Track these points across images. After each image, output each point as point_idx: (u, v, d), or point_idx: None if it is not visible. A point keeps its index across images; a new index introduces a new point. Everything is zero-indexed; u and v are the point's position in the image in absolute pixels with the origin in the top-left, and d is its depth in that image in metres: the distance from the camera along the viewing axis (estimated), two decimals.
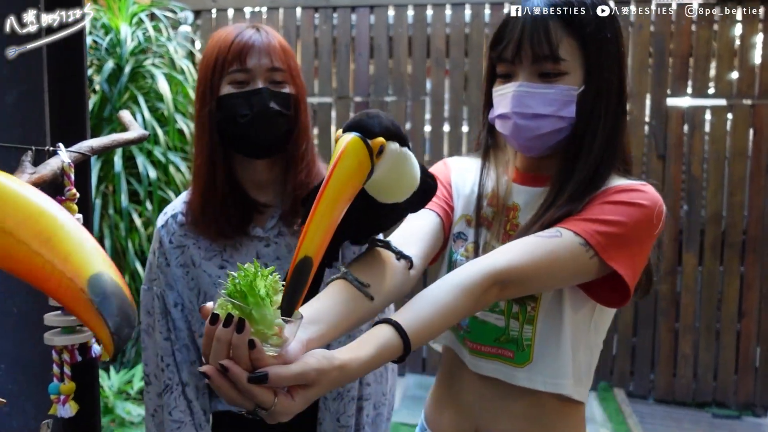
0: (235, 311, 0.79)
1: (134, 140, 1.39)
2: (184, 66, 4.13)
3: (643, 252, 1.16)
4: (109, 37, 3.87)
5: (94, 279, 0.71)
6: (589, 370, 1.25)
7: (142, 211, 3.78)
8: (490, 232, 1.26)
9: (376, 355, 0.88)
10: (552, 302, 1.20)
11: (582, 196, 1.15)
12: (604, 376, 4.60)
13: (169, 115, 3.82)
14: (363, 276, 1.04)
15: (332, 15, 4.70)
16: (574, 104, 1.16)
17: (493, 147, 1.31)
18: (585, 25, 1.15)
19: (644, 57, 4.46)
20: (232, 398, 0.79)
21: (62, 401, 1.10)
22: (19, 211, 0.69)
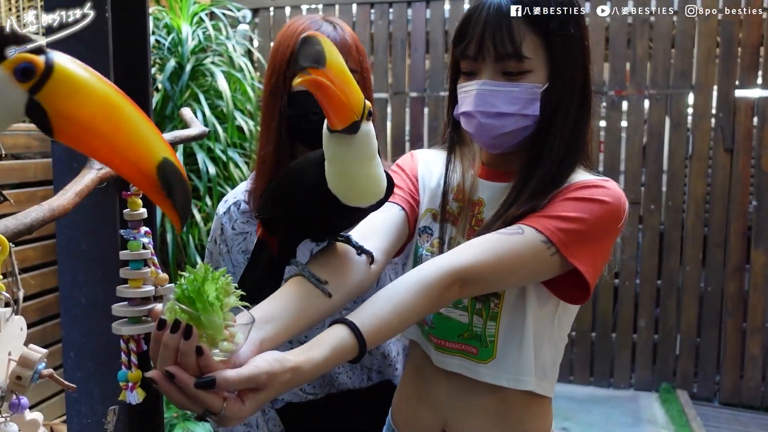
0: (183, 316, 0.77)
1: (195, 137, 1.43)
2: (242, 64, 4.20)
3: (605, 248, 1.15)
4: (171, 37, 3.97)
5: (160, 166, 0.76)
6: (554, 365, 1.25)
7: (202, 206, 3.87)
8: (456, 228, 1.25)
9: (330, 356, 0.87)
10: (516, 299, 1.19)
11: (544, 192, 1.14)
12: (666, 377, 4.47)
13: (228, 113, 3.90)
14: (321, 272, 1.03)
15: (388, 10, 4.70)
16: (538, 102, 1.15)
17: (459, 143, 1.30)
18: (548, 21, 1.13)
19: (711, 47, 4.30)
20: (181, 403, 0.78)
21: (130, 388, 1.14)
22: (93, 102, 0.73)
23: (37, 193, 3.11)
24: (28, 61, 0.68)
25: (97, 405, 1.32)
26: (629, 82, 4.45)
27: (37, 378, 0.83)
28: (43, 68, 0.69)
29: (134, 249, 1.17)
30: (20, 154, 3.13)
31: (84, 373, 1.32)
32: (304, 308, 0.98)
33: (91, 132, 0.74)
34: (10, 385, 0.81)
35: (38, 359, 0.82)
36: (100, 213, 1.29)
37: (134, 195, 1.18)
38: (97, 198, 1.17)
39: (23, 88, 0.69)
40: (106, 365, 1.30)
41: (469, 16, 1.16)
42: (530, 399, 1.23)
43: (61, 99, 0.71)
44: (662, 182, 4.49)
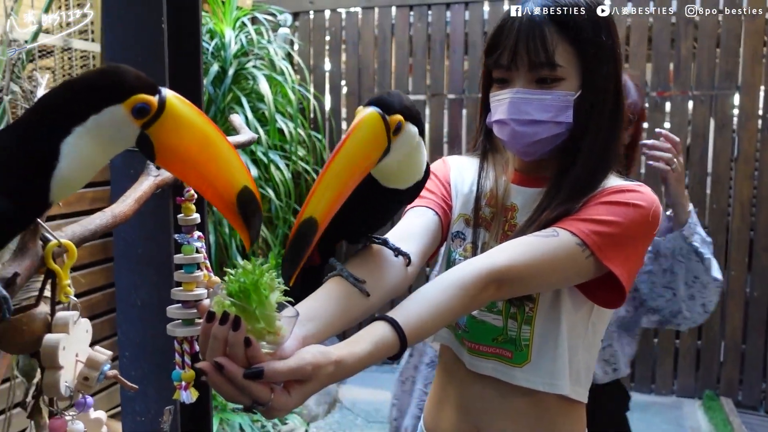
0: (233, 309, 0.79)
1: (244, 143, 1.46)
2: (283, 67, 4.26)
3: (639, 252, 1.16)
4: (215, 42, 4.05)
5: (240, 194, 0.84)
6: (588, 370, 1.25)
7: None
8: (489, 233, 1.26)
9: (373, 350, 0.89)
10: (550, 303, 1.19)
11: (578, 196, 1.14)
12: (709, 384, 4.38)
13: (270, 115, 3.96)
14: (359, 272, 1.05)
15: (427, 12, 4.71)
16: (571, 109, 1.15)
17: (491, 150, 1.31)
18: (581, 30, 1.13)
19: (758, 46, 4.19)
20: (230, 394, 0.80)
21: (184, 387, 1.18)
22: (193, 136, 0.81)
23: (86, 195, 3.21)
24: (145, 102, 0.77)
25: (151, 404, 1.36)
26: (673, 82, 4.38)
27: (102, 378, 0.87)
28: (156, 107, 0.78)
29: (188, 253, 1.20)
30: None
31: (139, 372, 1.37)
32: (343, 307, 1.00)
33: (187, 161, 0.82)
34: (77, 385, 0.85)
35: (104, 360, 0.86)
36: (155, 218, 1.33)
37: (188, 201, 1.22)
38: (153, 203, 1.20)
39: (137, 124, 0.78)
40: (160, 365, 1.34)
41: (502, 25, 1.18)
42: (564, 403, 1.23)
43: (167, 133, 0.80)
44: (707, 185, 4.40)
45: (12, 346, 0.84)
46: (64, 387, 0.82)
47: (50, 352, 0.81)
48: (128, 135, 0.79)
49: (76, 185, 0.79)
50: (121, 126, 0.77)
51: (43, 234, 0.84)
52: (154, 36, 1.35)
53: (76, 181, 0.78)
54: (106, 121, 0.76)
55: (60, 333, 0.83)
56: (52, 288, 0.86)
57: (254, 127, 3.90)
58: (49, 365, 0.82)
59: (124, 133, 0.78)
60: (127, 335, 1.37)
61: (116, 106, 0.76)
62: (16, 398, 2.25)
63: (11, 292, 0.77)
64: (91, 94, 0.77)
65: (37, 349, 0.83)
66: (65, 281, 0.86)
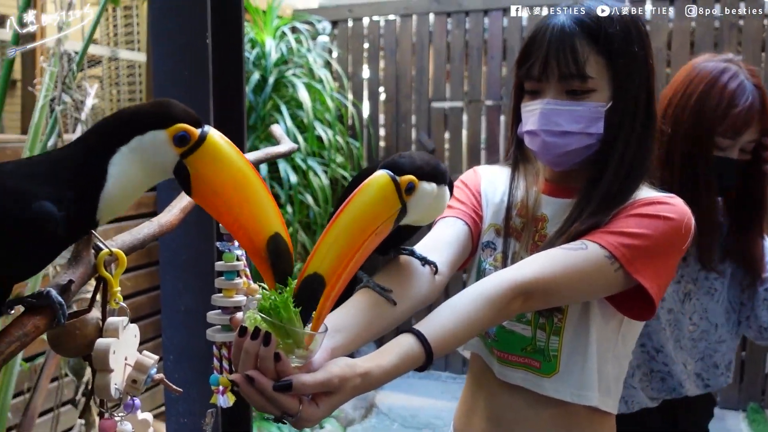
0: (264, 324, 0.83)
1: (285, 153, 1.50)
2: (322, 75, 4.32)
3: (669, 265, 1.15)
4: (255, 51, 4.13)
5: (270, 240, 0.87)
6: (618, 381, 1.24)
7: (283, 214, 4.00)
8: (519, 243, 1.27)
9: (399, 363, 0.91)
10: (579, 314, 1.19)
11: (608, 208, 1.14)
12: (753, 397, 4.27)
13: (309, 123, 4.02)
14: (385, 282, 1.08)
15: (464, 19, 4.72)
16: (602, 121, 1.15)
17: (522, 160, 1.31)
18: (612, 41, 1.13)
19: None
20: (260, 405, 0.84)
21: (221, 392, 1.21)
22: (230, 174, 0.85)
23: None
24: (186, 131, 0.81)
25: (194, 406, 1.41)
26: None
27: (149, 381, 0.91)
28: (197, 138, 0.82)
29: (229, 260, 1.24)
30: None
31: (182, 375, 1.41)
32: (371, 318, 1.03)
33: (221, 198, 0.85)
34: (126, 388, 0.89)
35: (151, 364, 0.90)
36: (198, 227, 1.38)
37: None
38: (197, 213, 1.25)
39: (177, 152, 0.82)
40: (202, 369, 1.38)
41: (533, 37, 1.19)
42: (594, 414, 1.23)
43: (204, 166, 0.83)
44: None
45: (66, 349, 0.88)
46: (114, 389, 0.86)
47: (102, 355, 0.85)
48: (167, 160, 0.82)
49: (119, 206, 0.83)
50: (161, 150, 0.81)
51: (96, 243, 0.89)
52: (199, 46, 1.40)
53: (120, 201, 0.82)
54: (148, 142, 0.81)
55: (111, 337, 0.88)
56: (103, 294, 0.91)
57: (293, 134, 3.96)
58: (100, 368, 0.86)
59: (163, 157, 0.82)
60: (171, 339, 1.42)
61: (159, 131, 0.81)
62: (64, 397, 2.34)
63: (66, 298, 0.82)
64: (139, 119, 0.82)
65: (89, 353, 0.87)
66: (116, 288, 0.90)
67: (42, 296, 0.80)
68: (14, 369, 1.73)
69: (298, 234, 4.14)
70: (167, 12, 1.41)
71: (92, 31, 1.74)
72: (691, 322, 1.59)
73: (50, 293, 0.80)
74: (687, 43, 4.27)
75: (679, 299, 1.57)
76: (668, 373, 1.59)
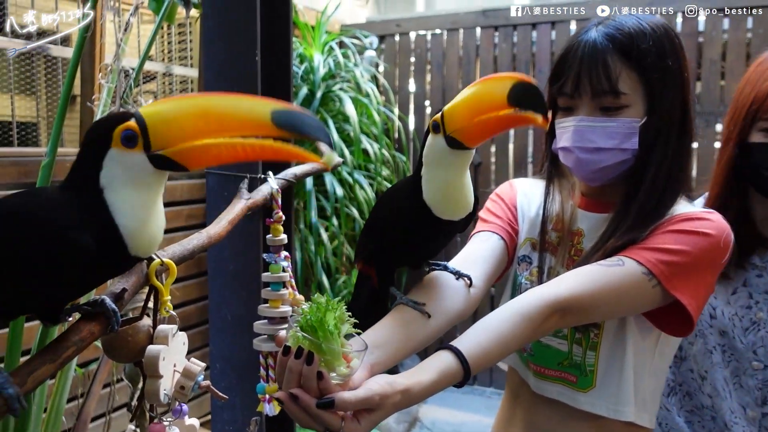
0: (306, 343, 0.85)
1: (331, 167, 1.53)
2: (368, 89, 4.36)
3: (708, 281, 1.13)
4: (304, 66, 4.20)
5: (274, 120, 0.82)
6: (654, 396, 1.22)
7: (329, 226, 4.04)
8: (555, 258, 1.26)
9: (437, 379, 0.92)
10: (616, 329, 1.18)
11: (645, 224, 1.13)
12: None
13: (355, 136, 4.06)
14: (419, 297, 1.10)
15: (512, 33, 4.70)
16: (636, 136, 1.14)
17: (557, 175, 1.30)
18: (645, 56, 1.11)
19: None
20: (304, 421, 0.86)
21: (267, 400, 1.24)
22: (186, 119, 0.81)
23: (183, 212, 3.39)
24: (126, 129, 0.79)
25: (238, 413, 1.43)
26: None
27: (197, 388, 0.93)
28: (137, 127, 0.80)
29: (275, 272, 1.27)
30: (169, 176, 3.43)
31: (227, 383, 1.44)
32: (409, 333, 1.05)
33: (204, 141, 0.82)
34: (174, 393, 0.92)
35: (198, 371, 0.93)
36: (246, 238, 1.41)
37: (276, 222, 1.29)
38: (244, 224, 1.28)
39: (139, 151, 0.80)
40: (247, 377, 1.41)
41: (566, 54, 1.18)
42: (630, 429, 1.21)
43: (166, 138, 0.80)
44: None
45: (119, 355, 0.92)
46: (163, 395, 0.89)
47: (152, 361, 0.88)
48: (141, 166, 0.80)
49: (145, 233, 0.81)
50: (128, 163, 0.80)
51: None
52: (248, 62, 1.44)
53: (141, 228, 0.81)
54: (112, 168, 0.80)
55: (161, 344, 0.91)
56: (154, 303, 0.94)
57: (340, 147, 4.00)
58: (150, 374, 0.89)
59: (137, 166, 0.80)
60: (218, 348, 1.45)
61: (111, 152, 0.79)
62: (115, 403, 2.41)
63: (119, 306, 0.85)
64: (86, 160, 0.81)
65: (140, 359, 0.91)
66: (166, 297, 0.93)
67: (97, 304, 0.84)
68: (69, 374, 1.80)
69: (343, 246, 4.17)
70: (219, 29, 1.45)
71: (148, 48, 1.81)
72: (755, 357, 1.44)
73: (105, 301, 0.83)
74: (743, 55, 4.16)
75: (743, 326, 1.44)
76: (712, 408, 1.49)
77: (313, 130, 0.83)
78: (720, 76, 4.15)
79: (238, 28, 1.42)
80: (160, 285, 0.92)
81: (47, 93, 3.01)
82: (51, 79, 2.97)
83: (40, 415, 1.70)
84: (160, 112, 0.81)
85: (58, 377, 1.80)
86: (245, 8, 1.41)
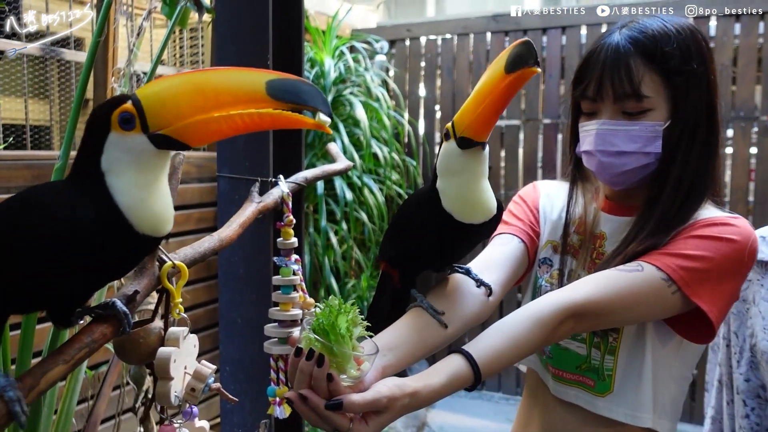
0: (317, 345, 0.86)
1: (340, 171, 1.54)
2: (379, 93, 4.37)
3: (731, 288, 1.11)
4: (315, 70, 4.21)
5: (269, 91, 0.81)
6: (675, 403, 1.21)
7: (338, 230, 4.04)
8: (577, 260, 1.25)
9: (447, 383, 0.92)
10: (635, 334, 1.17)
11: (667, 229, 1.11)
12: None
13: (366, 140, 4.06)
14: (439, 303, 1.09)
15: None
16: (660, 139, 1.13)
17: (581, 179, 1.30)
18: (668, 59, 1.10)
19: None
20: (313, 421, 0.87)
21: (278, 403, 1.24)
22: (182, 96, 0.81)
23: (193, 215, 3.41)
24: (123, 111, 0.79)
25: (248, 416, 1.44)
26: None
27: (207, 390, 0.94)
28: (134, 108, 0.79)
29: (285, 275, 1.28)
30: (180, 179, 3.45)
31: (237, 386, 1.45)
32: (423, 338, 1.05)
33: (203, 117, 0.81)
34: (184, 395, 0.93)
35: (209, 374, 0.93)
36: (256, 241, 1.42)
37: (287, 226, 1.29)
38: (255, 228, 1.28)
39: (138, 132, 0.80)
40: (257, 380, 1.41)
41: (588, 57, 1.18)
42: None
43: (163, 117, 0.80)
44: None
45: (130, 356, 0.92)
46: (173, 396, 0.89)
47: (163, 363, 0.89)
48: (142, 147, 0.80)
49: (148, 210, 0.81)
50: (128, 145, 0.79)
51: (160, 255, 0.93)
52: (260, 66, 1.44)
53: (142, 205, 0.80)
54: (113, 151, 0.79)
55: (172, 347, 0.91)
56: (165, 305, 0.94)
57: (350, 151, 4.01)
58: (161, 376, 0.90)
59: (134, 147, 0.79)
60: (228, 351, 1.46)
61: (111, 135, 0.79)
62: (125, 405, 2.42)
63: (132, 308, 0.86)
64: (87, 146, 0.81)
65: (151, 361, 0.91)
66: (178, 299, 0.94)
67: (108, 306, 0.84)
68: (79, 376, 1.80)
69: (353, 250, 4.18)
70: (230, 33, 1.46)
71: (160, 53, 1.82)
72: None
73: (115, 303, 0.84)
74: (754, 60, 4.14)
75: None
76: None
77: (309, 99, 0.82)
78: (731, 81, 4.13)
79: (250, 33, 1.43)
80: (171, 287, 0.93)
81: (60, 97, 3.03)
82: (64, 83, 2.99)
83: (51, 417, 1.71)
84: (155, 93, 0.81)
85: (69, 379, 1.81)
86: (257, 13, 1.42)
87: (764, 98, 4.16)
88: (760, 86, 4.19)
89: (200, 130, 0.81)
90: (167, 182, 0.85)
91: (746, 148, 4.04)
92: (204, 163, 3.53)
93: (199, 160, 3.49)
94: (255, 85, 0.81)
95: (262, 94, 0.80)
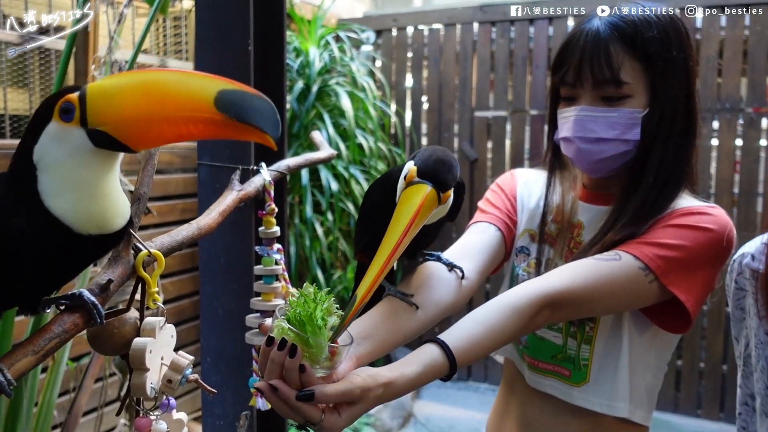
0: (291, 335, 0.83)
1: (324, 159, 1.51)
2: (365, 83, 4.34)
3: (708, 277, 1.11)
4: (300, 60, 4.18)
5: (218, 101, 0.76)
6: (651, 393, 1.21)
7: (324, 221, 4.02)
8: (554, 250, 1.24)
9: (422, 372, 0.90)
10: (612, 324, 1.17)
11: (644, 218, 1.11)
12: None
13: (351, 131, 4.04)
14: (408, 288, 1.07)
15: (510, 28, 4.69)
16: (638, 127, 1.12)
17: (559, 167, 1.29)
18: (648, 45, 1.10)
19: None
20: (284, 412, 0.84)
21: (260, 395, 1.22)
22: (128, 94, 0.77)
23: (177, 206, 3.37)
24: (65, 101, 0.76)
25: (229, 408, 1.42)
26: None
27: (184, 382, 0.92)
28: (77, 100, 0.76)
29: (267, 264, 1.26)
30: (163, 169, 3.41)
31: (219, 377, 1.43)
32: (397, 325, 1.03)
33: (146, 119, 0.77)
34: (161, 387, 0.91)
35: (186, 365, 0.91)
36: (237, 230, 1.39)
37: (269, 214, 1.27)
38: (236, 216, 1.26)
39: (76, 125, 0.76)
40: (238, 372, 1.40)
41: (568, 42, 1.17)
42: (626, 426, 1.20)
43: (104, 113, 0.76)
44: None
45: (105, 347, 0.90)
46: (149, 388, 0.87)
47: (138, 354, 0.87)
48: (76, 140, 0.76)
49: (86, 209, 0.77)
50: (62, 137, 0.76)
51: (135, 244, 0.90)
52: (241, 55, 1.42)
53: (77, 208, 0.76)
54: (47, 142, 0.77)
55: (147, 337, 0.89)
56: (141, 294, 0.92)
57: (335, 142, 3.98)
58: (137, 367, 0.87)
59: (70, 140, 0.76)
60: (209, 341, 1.44)
61: (50, 125, 0.76)
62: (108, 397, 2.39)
63: (105, 297, 0.83)
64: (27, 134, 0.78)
65: (126, 351, 0.89)
66: (153, 288, 0.92)
67: (75, 297, 0.81)
68: (60, 368, 1.78)
69: (338, 242, 4.16)
70: (211, 21, 1.43)
71: (141, 41, 1.78)
72: None
73: (83, 294, 0.81)
74: (740, 52, 4.15)
75: None
76: None
77: (257, 118, 0.77)
78: (717, 73, 4.14)
79: (231, 20, 1.41)
80: (147, 276, 0.91)
81: (41, 86, 2.98)
82: (44, 71, 2.94)
83: (31, 410, 1.69)
84: (103, 86, 0.78)
85: (49, 371, 1.78)
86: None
87: (749, 90, 4.17)
88: (745, 78, 4.20)
89: (140, 131, 0.78)
90: (116, 183, 0.81)
91: (731, 140, 4.06)
92: (188, 153, 3.49)
93: (183, 150, 3.45)
94: (204, 94, 0.76)
95: (209, 105, 0.76)
